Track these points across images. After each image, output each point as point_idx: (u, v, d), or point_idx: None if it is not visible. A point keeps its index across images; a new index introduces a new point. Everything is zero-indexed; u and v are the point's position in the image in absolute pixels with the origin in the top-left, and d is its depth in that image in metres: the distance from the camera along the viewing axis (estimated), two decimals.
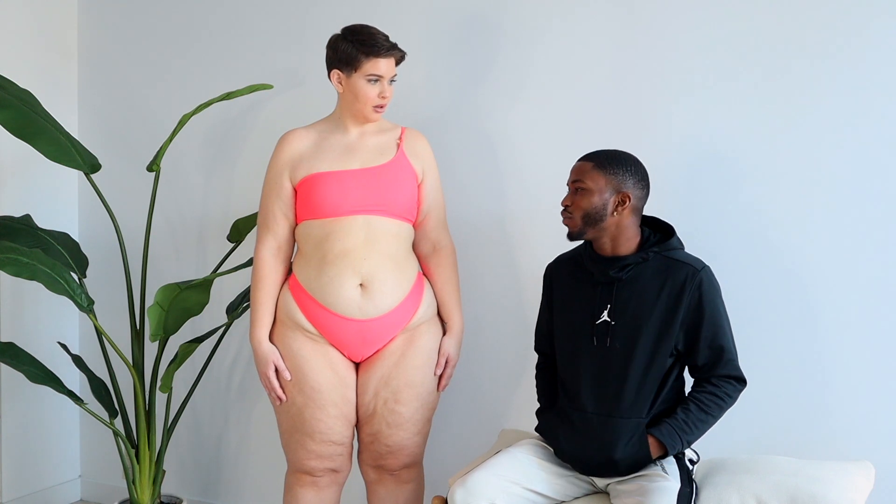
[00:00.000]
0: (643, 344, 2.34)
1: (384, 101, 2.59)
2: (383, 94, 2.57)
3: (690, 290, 2.34)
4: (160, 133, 3.49)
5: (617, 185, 2.36)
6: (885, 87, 2.59)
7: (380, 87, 2.57)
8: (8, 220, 3.16)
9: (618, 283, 2.38)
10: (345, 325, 2.59)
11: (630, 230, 2.39)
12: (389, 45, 2.56)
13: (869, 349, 2.65)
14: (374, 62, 2.54)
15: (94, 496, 3.78)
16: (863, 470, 2.38)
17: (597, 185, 2.36)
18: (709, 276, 2.37)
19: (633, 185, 2.37)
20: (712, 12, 2.76)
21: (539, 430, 2.54)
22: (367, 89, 2.56)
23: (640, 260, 2.37)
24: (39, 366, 3.02)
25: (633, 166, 2.39)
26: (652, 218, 2.49)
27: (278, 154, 2.67)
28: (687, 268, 2.36)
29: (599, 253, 2.42)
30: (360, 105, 2.59)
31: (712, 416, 2.36)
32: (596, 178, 2.36)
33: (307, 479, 2.71)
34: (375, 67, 2.54)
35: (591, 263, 2.43)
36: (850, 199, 2.65)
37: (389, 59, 2.56)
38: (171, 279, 3.47)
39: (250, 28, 3.40)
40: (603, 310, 2.39)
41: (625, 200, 2.35)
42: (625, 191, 2.36)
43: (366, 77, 2.55)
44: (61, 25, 3.67)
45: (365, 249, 2.57)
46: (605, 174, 2.36)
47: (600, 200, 2.35)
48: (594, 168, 2.37)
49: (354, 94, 2.58)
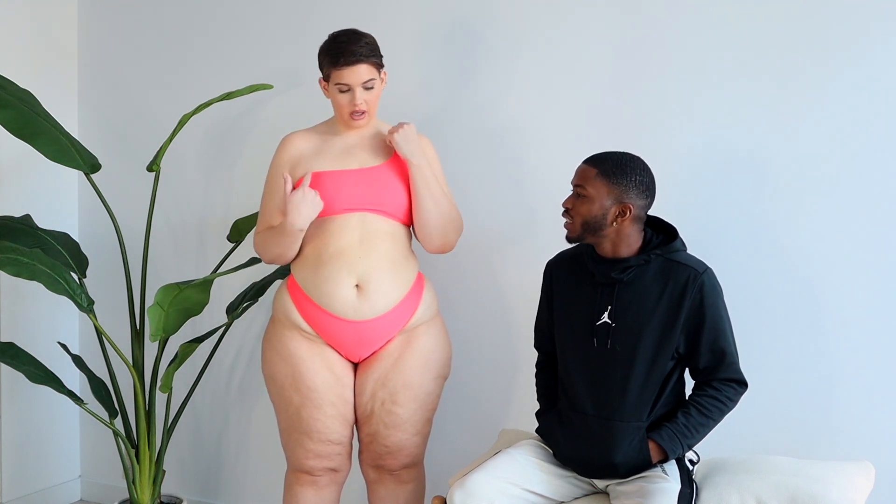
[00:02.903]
0: (644, 347, 2.33)
1: (358, 108, 2.59)
2: (354, 101, 2.57)
3: (692, 292, 2.32)
4: (160, 133, 3.49)
5: (619, 195, 2.32)
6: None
7: (350, 96, 2.57)
8: (8, 220, 3.16)
9: (619, 285, 2.37)
10: (341, 325, 2.59)
11: (631, 236, 2.36)
12: (350, 54, 2.53)
13: (869, 349, 2.65)
14: (338, 72, 2.55)
15: (94, 496, 3.78)
16: (863, 470, 2.38)
17: (598, 194, 2.32)
18: (711, 279, 2.35)
19: (635, 195, 2.33)
20: (712, 12, 2.76)
21: (539, 431, 2.54)
22: (339, 98, 2.59)
23: (642, 262, 2.35)
24: (39, 366, 3.02)
25: (639, 175, 2.34)
26: (655, 218, 2.46)
27: (279, 154, 2.69)
28: (689, 270, 2.34)
29: (600, 254, 2.41)
30: (339, 113, 2.63)
31: (713, 419, 2.35)
32: (598, 187, 2.32)
33: (306, 479, 2.71)
34: (340, 77, 2.55)
35: (592, 264, 2.41)
36: (852, 200, 2.64)
37: (353, 68, 2.54)
38: (171, 279, 3.47)
39: (250, 28, 3.40)
40: (603, 311, 2.38)
41: (625, 211, 2.32)
42: (626, 202, 2.31)
43: (336, 86, 2.58)
44: (61, 25, 3.66)
45: (360, 249, 2.57)
46: (609, 183, 2.32)
47: (600, 210, 2.32)
48: (598, 176, 2.33)
49: (333, 103, 2.62)
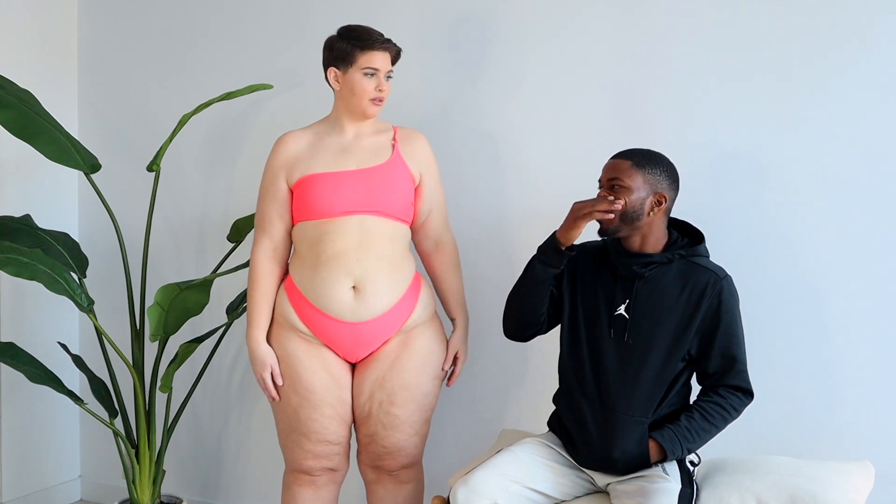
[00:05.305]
0: (659, 344, 2.35)
1: (381, 95, 2.60)
2: (380, 87, 2.59)
3: (710, 296, 2.34)
4: (160, 133, 3.49)
5: (654, 184, 2.35)
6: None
7: (376, 81, 2.59)
8: (8, 220, 3.16)
9: (639, 280, 2.38)
10: (338, 327, 2.59)
11: (660, 230, 2.40)
12: (384, 39, 2.59)
13: (870, 349, 2.65)
14: (369, 55, 2.56)
15: (94, 496, 3.78)
16: (863, 470, 2.38)
17: (635, 184, 2.34)
18: (730, 286, 2.37)
19: (667, 185, 2.37)
20: (712, 13, 2.76)
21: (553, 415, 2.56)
22: (363, 83, 2.58)
23: (665, 260, 2.38)
24: (39, 366, 3.02)
25: (668, 167, 2.39)
26: (683, 222, 2.49)
27: (274, 156, 2.68)
28: (709, 274, 2.36)
29: (626, 248, 2.42)
30: (357, 99, 2.60)
31: (715, 426, 2.36)
32: (634, 177, 2.35)
33: (305, 479, 2.71)
34: (371, 60, 2.56)
35: (615, 256, 2.43)
36: (853, 199, 2.64)
37: (384, 53, 2.58)
38: (171, 279, 3.47)
39: (250, 28, 3.40)
40: (621, 304, 2.39)
41: (661, 201, 2.36)
42: (661, 191, 2.36)
43: (362, 71, 2.57)
44: (61, 25, 3.66)
45: (359, 251, 2.57)
46: (644, 173, 2.35)
47: (638, 200, 2.34)
48: (633, 167, 2.35)
49: (351, 89, 2.59)
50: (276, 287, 2.69)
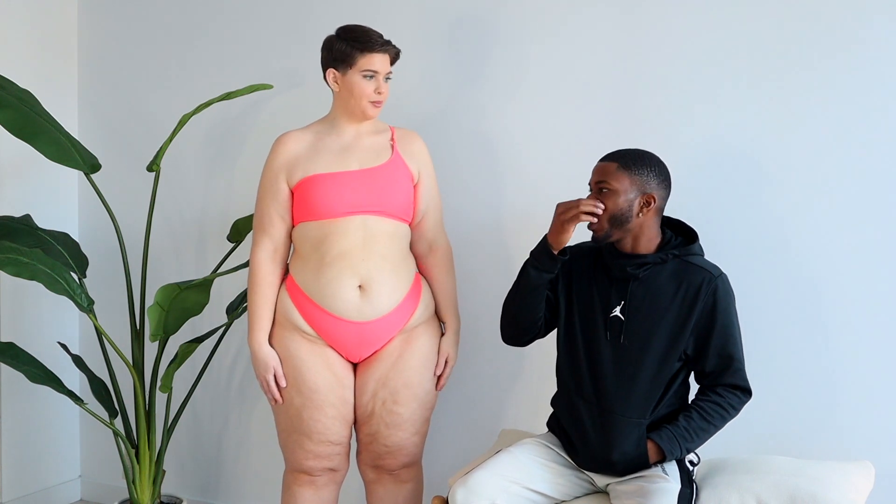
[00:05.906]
0: (655, 345, 2.34)
1: (380, 97, 2.60)
2: (379, 89, 2.59)
3: (706, 295, 2.33)
4: (160, 133, 3.49)
5: (641, 185, 2.34)
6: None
7: (375, 83, 2.58)
8: (8, 220, 3.16)
9: (633, 281, 2.38)
10: (343, 326, 2.59)
11: (652, 230, 2.38)
12: (383, 41, 2.59)
13: (870, 349, 2.65)
14: (368, 58, 2.56)
15: (94, 496, 3.78)
16: (863, 470, 2.38)
17: (622, 186, 2.33)
18: (725, 284, 2.36)
19: (656, 185, 2.35)
20: (712, 13, 2.76)
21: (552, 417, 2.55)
22: (362, 85, 2.58)
23: (659, 260, 2.37)
24: (39, 366, 3.02)
25: (657, 166, 2.37)
26: (677, 221, 2.48)
27: (274, 157, 2.67)
28: (704, 273, 2.35)
29: (619, 249, 2.41)
30: (356, 101, 2.60)
31: (714, 425, 2.36)
32: (621, 179, 2.33)
33: (305, 479, 2.71)
34: (370, 63, 2.56)
35: (609, 258, 2.42)
36: (853, 199, 2.64)
37: (384, 55, 2.58)
38: (171, 279, 3.47)
39: (250, 28, 3.40)
40: (616, 305, 2.39)
41: (650, 202, 2.34)
42: (649, 192, 2.34)
43: (361, 73, 2.57)
44: (61, 25, 3.67)
45: (363, 251, 2.57)
46: (630, 175, 2.33)
47: (626, 202, 2.33)
48: (619, 169, 2.34)
49: (350, 91, 2.59)
50: (277, 288, 2.69)
